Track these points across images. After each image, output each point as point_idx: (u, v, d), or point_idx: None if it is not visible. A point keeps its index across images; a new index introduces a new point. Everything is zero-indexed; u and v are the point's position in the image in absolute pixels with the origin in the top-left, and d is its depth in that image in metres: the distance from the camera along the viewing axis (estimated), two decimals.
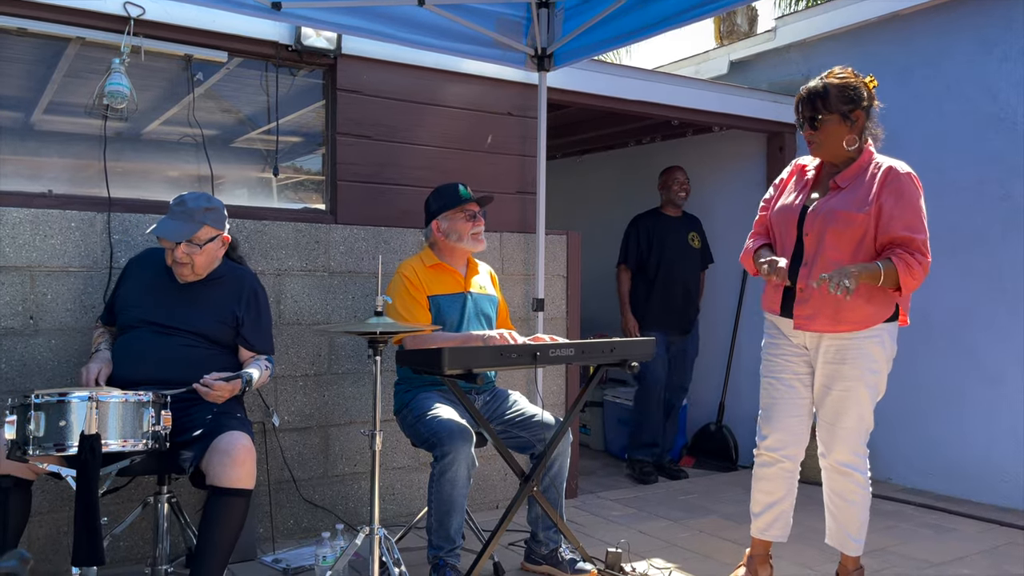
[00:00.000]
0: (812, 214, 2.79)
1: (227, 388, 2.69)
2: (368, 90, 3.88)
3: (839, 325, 2.76)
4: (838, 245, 2.73)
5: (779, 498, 2.96)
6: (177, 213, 2.83)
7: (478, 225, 3.30)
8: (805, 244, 2.80)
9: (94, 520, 2.27)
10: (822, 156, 2.86)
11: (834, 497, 2.88)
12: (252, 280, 3.05)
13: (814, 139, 2.81)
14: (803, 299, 2.80)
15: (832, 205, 2.75)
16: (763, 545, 3.02)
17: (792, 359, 2.92)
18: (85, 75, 3.35)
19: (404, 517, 3.90)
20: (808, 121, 2.79)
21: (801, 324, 2.82)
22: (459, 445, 2.83)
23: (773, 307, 2.94)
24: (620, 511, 4.22)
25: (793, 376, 2.92)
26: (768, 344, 3.01)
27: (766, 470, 2.98)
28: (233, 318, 2.93)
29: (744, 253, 3.03)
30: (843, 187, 2.78)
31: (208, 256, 2.88)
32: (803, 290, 2.79)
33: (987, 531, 3.92)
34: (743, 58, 5.86)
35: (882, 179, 2.72)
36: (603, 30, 3.80)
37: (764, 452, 2.98)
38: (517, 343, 2.96)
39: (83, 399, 2.34)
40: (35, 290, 3.14)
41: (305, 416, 3.70)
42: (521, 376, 4.27)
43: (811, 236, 2.78)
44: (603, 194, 7.01)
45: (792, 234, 2.85)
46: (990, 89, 4.47)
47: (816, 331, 2.81)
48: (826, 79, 2.78)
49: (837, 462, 2.83)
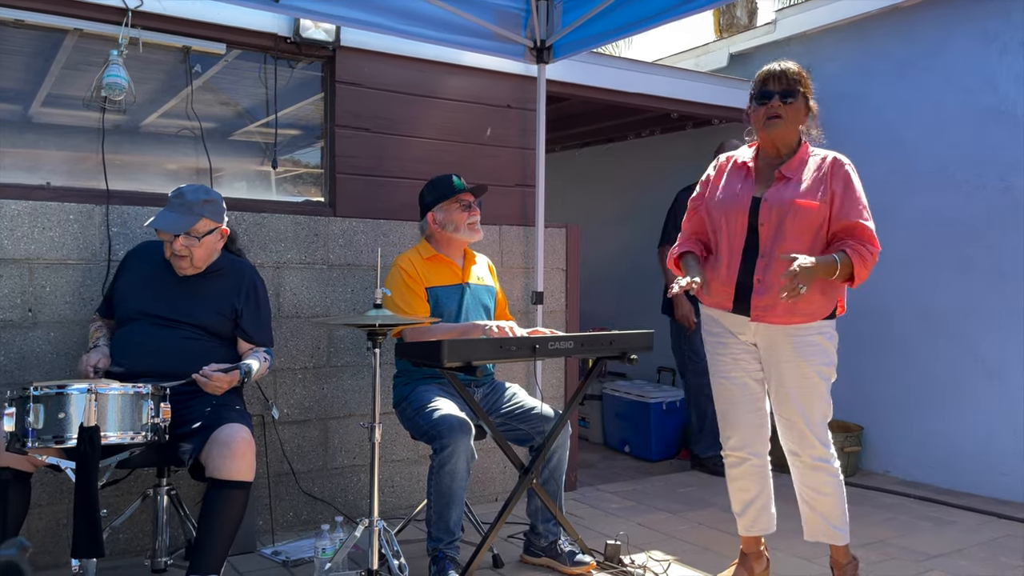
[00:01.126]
0: (767, 204, 2.72)
1: (226, 379, 2.69)
2: (367, 82, 3.87)
3: (794, 317, 2.72)
4: (798, 235, 2.69)
5: (755, 495, 2.94)
6: (175, 205, 2.83)
7: (474, 215, 3.29)
8: (761, 235, 2.73)
9: (93, 512, 2.27)
10: (778, 136, 2.77)
11: (809, 492, 2.85)
12: (251, 272, 3.05)
13: (781, 114, 2.72)
14: (761, 289, 2.73)
15: (788, 195, 2.71)
16: (754, 541, 3.02)
17: (741, 356, 2.87)
18: (83, 67, 3.34)
19: (403, 509, 3.90)
20: (780, 95, 2.72)
21: (759, 315, 2.74)
22: (458, 438, 2.83)
23: (724, 304, 2.83)
24: (619, 504, 4.23)
25: (744, 374, 2.87)
26: (714, 344, 2.93)
27: (736, 470, 2.96)
28: (232, 310, 2.93)
29: (669, 257, 3.00)
30: (790, 178, 2.75)
31: (207, 249, 2.88)
32: (760, 281, 2.72)
33: (986, 523, 3.93)
34: (743, 51, 5.85)
35: (830, 169, 2.74)
36: (602, 22, 3.79)
37: (731, 453, 2.95)
38: (516, 335, 2.96)
39: (82, 391, 2.34)
40: (33, 282, 3.13)
41: (304, 409, 3.70)
42: (520, 369, 4.27)
43: (767, 227, 2.72)
44: (602, 187, 7.00)
45: (742, 225, 2.76)
46: (990, 81, 4.46)
47: (772, 323, 2.74)
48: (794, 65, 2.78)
49: (812, 458, 2.80)
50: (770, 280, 2.71)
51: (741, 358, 2.87)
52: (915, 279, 4.75)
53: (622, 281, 6.55)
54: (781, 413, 2.84)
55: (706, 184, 2.96)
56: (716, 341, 2.93)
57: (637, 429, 5.49)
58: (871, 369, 4.90)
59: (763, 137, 2.81)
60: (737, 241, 2.78)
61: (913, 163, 4.79)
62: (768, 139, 2.80)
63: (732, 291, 2.80)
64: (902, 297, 4.81)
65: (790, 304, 2.68)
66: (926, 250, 4.70)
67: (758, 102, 2.77)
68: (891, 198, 4.66)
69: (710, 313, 2.94)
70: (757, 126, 2.80)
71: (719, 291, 2.84)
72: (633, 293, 6.46)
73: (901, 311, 4.82)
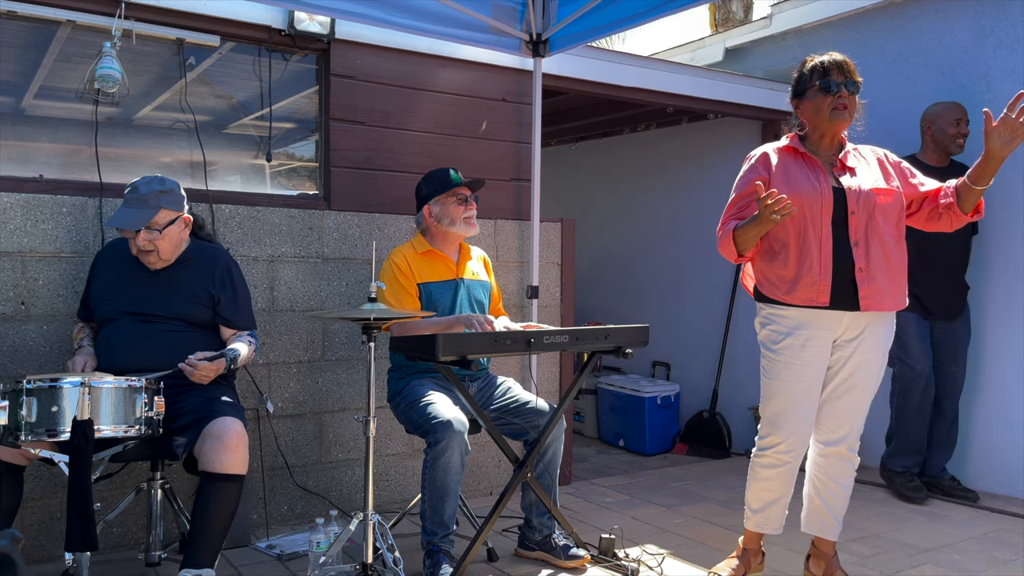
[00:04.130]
0: (853, 193, 2.69)
1: (211, 368, 2.67)
2: (362, 75, 3.86)
3: (897, 301, 2.74)
4: (888, 220, 2.72)
5: (780, 496, 2.91)
6: (131, 200, 2.78)
7: (470, 209, 3.29)
8: (851, 224, 2.68)
9: (87, 506, 2.27)
10: (842, 128, 2.77)
11: (829, 483, 2.86)
12: (224, 257, 3.01)
13: (848, 105, 2.71)
14: (867, 279, 2.68)
15: (866, 184, 2.72)
16: (758, 538, 3.02)
17: (820, 356, 2.75)
18: (76, 59, 3.32)
19: (398, 503, 3.90)
20: (847, 86, 2.71)
21: (869, 304, 2.69)
22: (452, 432, 2.83)
23: (818, 299, 2.69)
24: (613, 497, 4.24)
25: (816, 377, 2.77)
26: (787, 346, 2.76)
27: (771, 471, 2.87)
28: (209, 297, 2.90)
29: (726, 238, 2.78)
30: (853, 167, 2.77)
31: (171, 240, 2.84)
32: (863, 270, 2.68)
33: (978, 517, 3.94)
34: (738, 45, 5.85)
35: (880, 159, 2.84)
36: (598, 16, 3.78)
37: (773, 455, 2.84)
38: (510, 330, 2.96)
39: (75, 384, 2.34)
40: (26, 275, 3.12)
41: (299, 403, 3.69)
42: (515, 363, 4.27)
43: (859, 215, 2.68)
44: (598, 182, 6.99)
45: (827, 217, 2.68)
46: (984, 77, 4.47)
47: (880, 310, 2.72)
48: None
49: (849, 449, 2.82)
50: (873, 267, 2.69)
51: (820, 359, 2.76)
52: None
53: (617, 276, 6.55)
54: (842, 403, 2.80)
55: (758, 179, 2.74)
56: (792, 343, 2.76)
57: (632, 423, 5.51)
58: None
59: (826, 127, 2.77)
60: (825, 233, 2.69)
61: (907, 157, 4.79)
62: (832, 130, 2.78)
63: (829, 285, 2.69)
64: None
65: (892, 288, 2.71)
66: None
67: (823, 92, 2.72)
68: None
69: (787, 313, 2.77)
70: (819, 116, 2.74)
71: (811, 286, 2.69)
72: (629, 288, 6.46)
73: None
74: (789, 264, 2.73)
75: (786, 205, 2.50)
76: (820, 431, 2.87)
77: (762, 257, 2.83)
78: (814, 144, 2.82)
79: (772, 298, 2.80)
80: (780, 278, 2.76)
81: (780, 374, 2.79)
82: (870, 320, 2.75)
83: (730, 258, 2.81)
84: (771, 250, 2.79)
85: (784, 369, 2.78)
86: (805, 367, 2.76)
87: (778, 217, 2.52)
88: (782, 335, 2.78)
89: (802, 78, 2.79)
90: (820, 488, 2.88)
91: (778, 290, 2.77)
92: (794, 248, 2.72)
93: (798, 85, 2.81)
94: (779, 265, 2.76)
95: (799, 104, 2.82)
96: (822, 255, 2.68)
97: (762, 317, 2.87)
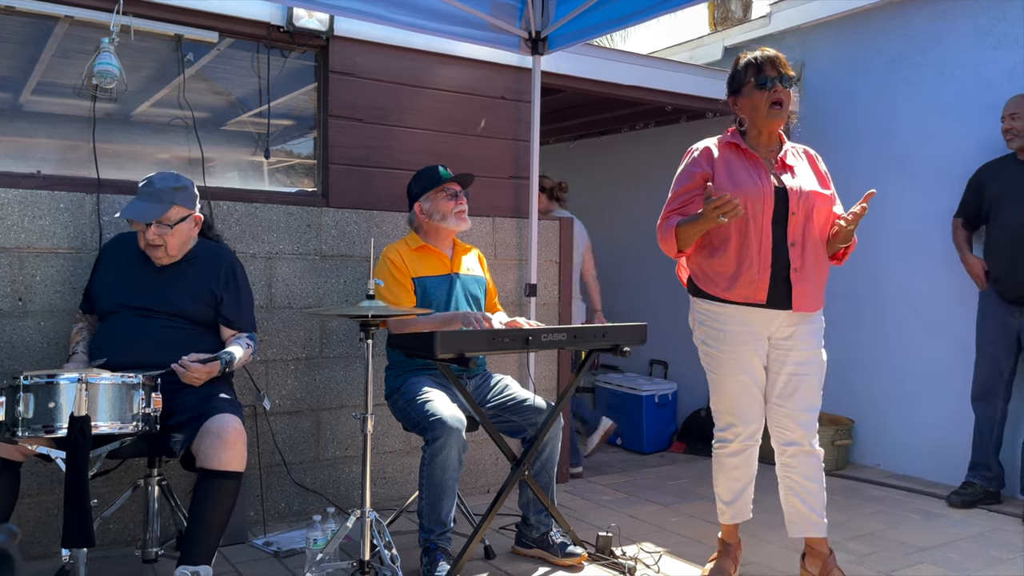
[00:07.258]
0: (795, 192, 2.71)
1: (204, 370, 2.67)
2: (361, 72, 3.86)
3: (819, 303, 2.81)
4: (819, 222, 2.76)
5: (747, 482, 2.95)
6: (146, 194, 2.79)
7: (460, 204, 3.29)
8: (790, 224, 2.71)
9: (84, 502, 2.26)
10: (780, 123, 2.79)
11: (803, 482, 2.84)
12: (230, 257, 3.02)
13: (783, 100, 2.73)
14: (800, 279, 2.72)
15: (805, 184, 2.75)
16: (736, 529, 3.03)
17: (759, 349, 2.80)
18: (74, 55, 3.32)
19: (395, 501, 3.90)
20: (782, 80, 2.72)
21: (800, 304, 2.73)
22: (450, 429, 2.83)
23: (756, 297, 2.73)
24: (611, 496, 4.24)
25: (757, 366, 2.83)
26: (728, 340, 2.80)
27: (736, 459, 2.91)
28: (212, 297, 2.90)
29: (667, 234, 2.76)
30: (792, 166, 2.79)
31: (180, 236, 2.85)
32: (798, 270, 2.72)
33: (975, 516, 3.95)
34: (737, 44, 5.84)
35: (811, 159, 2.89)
36: (597, 14, 3.78)
37: (737, 443, 2.88)
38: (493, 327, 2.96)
39: (72, 381, 2.33)
40: (24, 271, 3.11)
41: (296, 400, 3.69)
42: (513, 360, 4.27)
43: (799, 215, 2.71)
44: (596, 180, 6.99)
45: (767, 216, 2.70)
46: (983, 76, 4.47)
47: (808, 311, 2.77)
48: None
49: (812, 444, 2.83)
50: (807, 268, 2.72)
51: (757, 354, 2.81)
52: (907, 272, 4.76)
53: (615, 274, 6.54)
54: (792, 402, 2.82)
55: (700, 174, 2.79)
56: (734, 339, 2.80)
57: (629, 421, 5.51)
58: (862, 363, 4.91)
59: (763, 124, 2.77)
60: (766, 231, 2.71)
61: (905, 157, 4.79)
62: (770, 126, 2.79)
63: (767, 283, 2.72)
64: (894, 290, 4.82)
65: (817, 290, 2.76)
66: (918, 243, 4.71)
67: (759, 88, 2.72)
68: (883, 191, 4.65)
69: (724, 311, 2.80)
70: (757, 113, 2.75)
71: (749, 284, 2.73)
72: (626, 285, 6.46)
73: (893, 304, 4.83)
74: (729, 260, 2.75)
75: (735, 207, 2.52)
76: (779, 434, 2.87)
77: (701, 252, 2.84)
78: (753, 140, 2.83)
79: (709, 293, 2.83)
80: (719, 274, 2.78)
81: (724, 365, 2.84)
82: (800, 319, 2.80)
83: (670, 253, 2.84)
84: (711, 245, 2.80)
85: (727, 360, 2.82)
86: (745, 355, 2.80)
87: (725, 219, 2.55)
88: (719, 331, 2.82)
89: (737, 75, 2.80)
90: (796, 488, 2.86)
91: (716, 286, 2.79)
92: (735, 245, 2.74)
93: (733, 82, 2.82)
94: (718, 261, 2.77)
95: (736, 101, 2.82)
96: (762, 253, 2.71)
97: (697, 314, 2.91)
